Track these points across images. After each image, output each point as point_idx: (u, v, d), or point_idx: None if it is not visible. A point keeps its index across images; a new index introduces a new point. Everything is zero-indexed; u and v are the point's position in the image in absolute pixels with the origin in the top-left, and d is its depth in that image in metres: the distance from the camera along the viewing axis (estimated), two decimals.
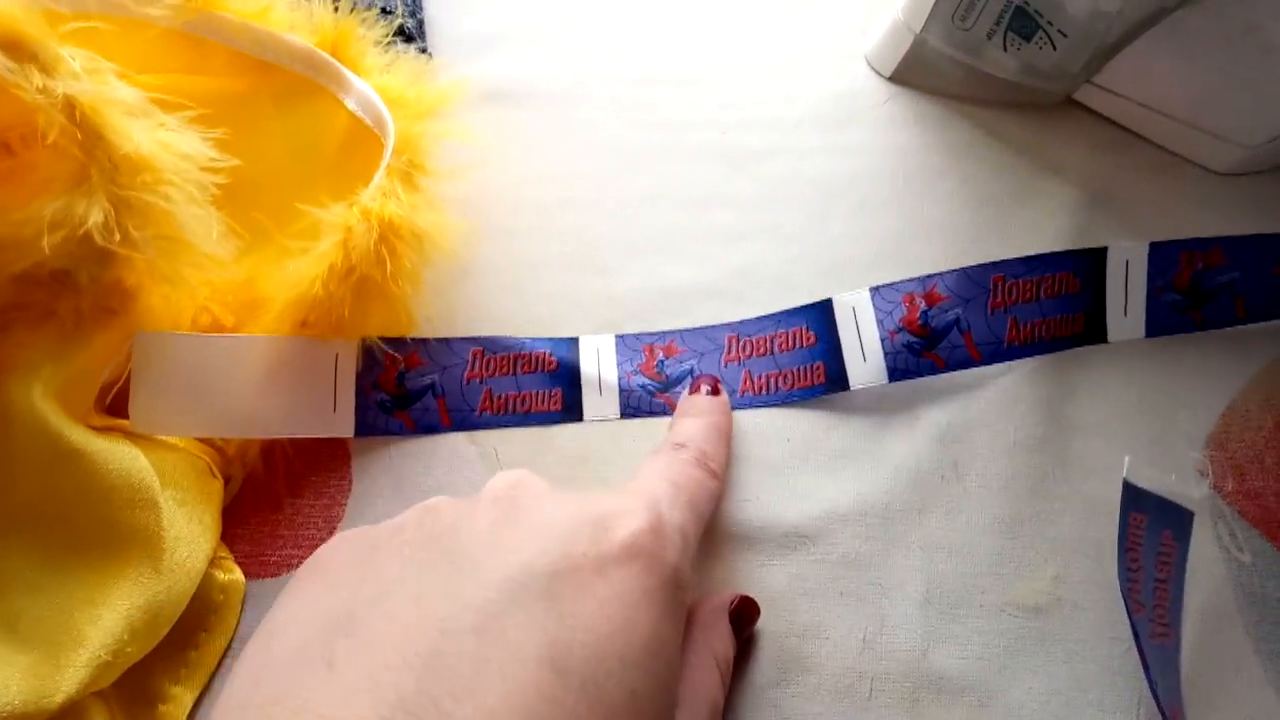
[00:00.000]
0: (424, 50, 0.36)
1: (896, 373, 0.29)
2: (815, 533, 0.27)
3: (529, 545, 0.19)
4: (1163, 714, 0.23)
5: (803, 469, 0.28)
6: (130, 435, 0.26)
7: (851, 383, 0.29)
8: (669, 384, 0.30)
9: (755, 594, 0.26)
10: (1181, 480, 0.26)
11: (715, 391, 0.29)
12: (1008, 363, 0.29)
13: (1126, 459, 0.26)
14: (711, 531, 0.27)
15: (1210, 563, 0.26)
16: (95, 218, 0.23)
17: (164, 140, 0.24)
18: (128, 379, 0.26)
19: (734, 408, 0.29)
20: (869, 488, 0.28)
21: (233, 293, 0.28)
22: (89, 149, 0.23)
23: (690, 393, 0.29)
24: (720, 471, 0.26)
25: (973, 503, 0.28)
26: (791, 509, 0.28)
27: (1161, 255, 0.29)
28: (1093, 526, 0.27)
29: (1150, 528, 0.25)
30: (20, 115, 0.23)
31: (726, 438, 0.28)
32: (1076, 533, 0.27)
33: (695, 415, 0.28)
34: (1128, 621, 0.24)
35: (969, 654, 0.26)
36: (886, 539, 0.27)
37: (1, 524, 0.24)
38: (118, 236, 0.23)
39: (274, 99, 0.31)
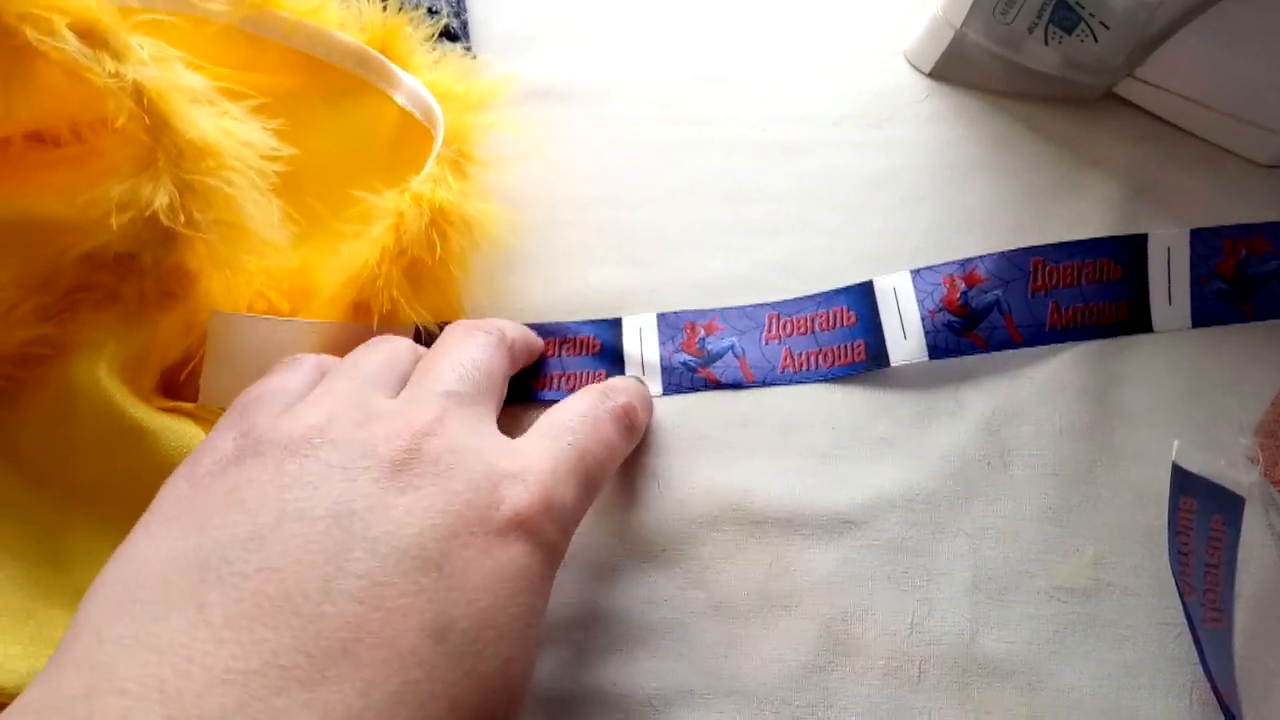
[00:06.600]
0: (468, 49, 0.37)
1: (937, 350, 0.29)
2: (862, 519, 0.27)
3: (421, 516, 0.19)
4: (1219, 698, 0.23)
5: (848, 455, 0.28)
6: (192, 414, 0.26)
7: (892, 359, 0.29)
8: (710, 359, 0.30)
9: (802, 578, 0.26)
10: (1231, 466, 0.26)
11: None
12: (1053, 350, 0.29)
13: (1176, 443, 0.25)
14: (757, 516, 0.27)
15: (1261, 550, 0.26)
16: (161, 200, 0.23)
17: (227, 128, 0.25)
18: (191, 361, 0.27)
19: (773, 384, 0.30)
20: (915, 474, 0.28)
21: (287, 279, 0.29)
22: (156, 134, 0.23)
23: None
24: (640, 430, 0.27)
25: (1020, 490, 0.27)
26: (838, 495, 0.28)
27: (1203, 242, 0.29)
28: (1141, 513, 0.27)
29: (1200, 512, 0.25)
30: (89, 102, 0.24)
31: (650, 410, 0.29)
32: (1125, 519, 0.27)
33: (628, 382, 0.28)
34: (1180, 605, 0.24)
35: (1018, 638, 0.25)
36: (933, 525, 0.27)
37: (66, 499, 0.25)
38: (182, 219, 0.24)
39: (325, 96, 0.32)
